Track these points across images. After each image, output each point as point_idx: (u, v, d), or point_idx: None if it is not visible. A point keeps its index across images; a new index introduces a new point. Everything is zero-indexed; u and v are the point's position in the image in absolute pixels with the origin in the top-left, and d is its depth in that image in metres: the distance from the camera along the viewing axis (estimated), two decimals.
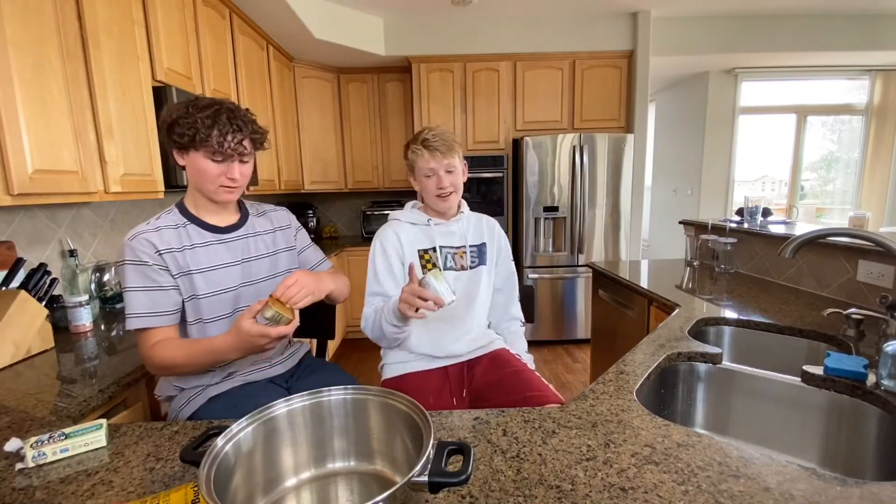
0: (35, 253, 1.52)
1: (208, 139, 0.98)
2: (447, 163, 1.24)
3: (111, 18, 1.46)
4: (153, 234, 1.02)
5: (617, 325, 2.14)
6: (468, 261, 1.33)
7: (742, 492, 0.63)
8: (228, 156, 1.01)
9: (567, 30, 3.48)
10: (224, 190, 1.05)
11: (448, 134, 1.26)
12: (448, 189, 1.26)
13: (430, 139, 1.23)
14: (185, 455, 0.60)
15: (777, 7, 3.49)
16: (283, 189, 3.16)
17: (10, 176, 1.11)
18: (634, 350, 1.15)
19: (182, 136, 0.99)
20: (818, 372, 1.01)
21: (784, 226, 2.12)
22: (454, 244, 1.33)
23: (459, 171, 1.28)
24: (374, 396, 0.71)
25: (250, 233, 1.17)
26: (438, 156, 1.23)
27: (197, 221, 1.09)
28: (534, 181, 3.40)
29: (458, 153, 1.26)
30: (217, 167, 1.02)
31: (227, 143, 0.99)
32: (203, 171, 1.02)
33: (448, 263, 1.32)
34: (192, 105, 1.00)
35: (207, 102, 1.01)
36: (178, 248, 1.05)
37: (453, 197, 1.28)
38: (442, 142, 1.22)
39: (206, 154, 1.00)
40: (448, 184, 1.25)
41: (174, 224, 1.07)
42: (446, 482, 0.52)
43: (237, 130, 1.01)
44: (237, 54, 2.42)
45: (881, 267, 1.41)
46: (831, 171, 4.84)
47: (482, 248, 1.37)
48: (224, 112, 1.00)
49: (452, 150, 1.24)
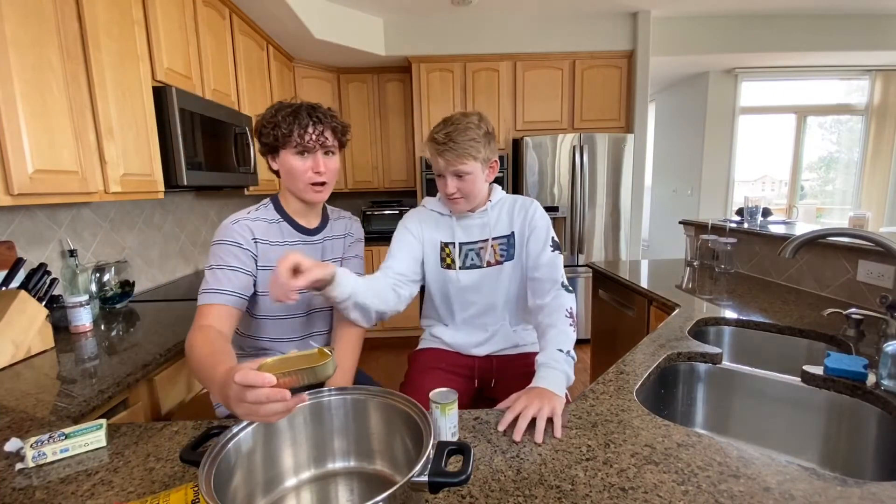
0: (35, 253, 1.52)
1: (290, 135, 1.03)
2: (456, 168, 1.10)
3: (111, 18, 1.46)
4: (253, 224, 1.09)
5: (617, 325, 2.14)
6: (494, 255, 1.21)
7: (742, 492, 0.63)
8: (311, 148, 1.05)
9: (567, 30, 3.48)
10: (312, 189, 1.09)
11: (465, 131, 1.09)
12: (454, 195, 1.14)
13: (440, 139, 1.09)
14: (185, 455, 0.60)
15: (777, 7, 3.49)
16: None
17: (10, 176, 1.11)
18: (634, 350, 1.15)
19: (268, 136, 1.05)
20: (818, 372, 1.01)
21: (784, 226, 2.12)
22: (475, 238, 1.22)
23: (476, 175, 1.12)
24: (374, 396, 0.71)
25: (328, 236, 1.21)
26: (443, 161, 1.11)
27: (289, 220, 1.15)
28: (534, 181, 3.40)
29: (476, 154, 1.10)
30: (303, 162, 1.06)
31: (309, 136, 1.04)
32: (291, 169, 1.06)
33: (470, 261, 1.22)
34: (276, 108, 1.07)
35: (290, 103, 1.07)
36: (270, 242, 1.11)
37: (462, 203, 1.17)
38: (452, 144, 1.08)
39: (291, 151, 1.05)
40: (454, 189, 1.13)
41: (269, 219, 1.13)
42: (446, 482, 0.52)
43: (317, 122, 1.05)
44: (237, 54, 2.42)
45: (881, 267, 1.41)
46: (831, 172, 4.84)
47: (510, 240, 1.22)
48: (304, 109, 1.05)
49: (464, 153, 1.08)
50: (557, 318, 1.09)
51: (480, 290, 1.24)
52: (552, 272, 1.17)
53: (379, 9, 3.24)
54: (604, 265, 2.32)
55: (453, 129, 1.09)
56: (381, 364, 3.32)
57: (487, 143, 1.12)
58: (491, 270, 1.22)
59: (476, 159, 1.11)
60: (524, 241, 1.21)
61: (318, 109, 1.07)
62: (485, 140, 1.11)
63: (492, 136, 1.15)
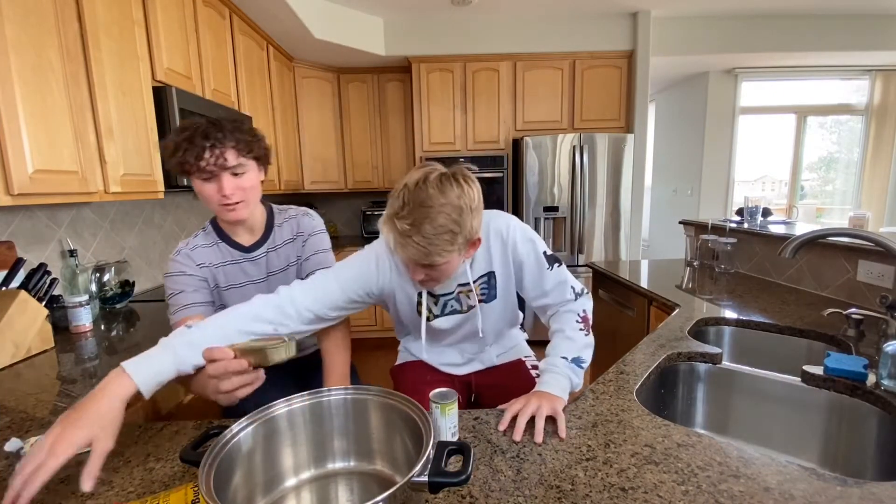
0: (35, 253, 1.52)
1: (191, 162, 0.97)
2: (427, 263, 0.87)
3: (111, 18, 1.46)
4: (193, 252, 1.10)
5: (617, 325, 2.14)
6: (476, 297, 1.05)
7: (742, 492, 0.63)
8: (214, 173, 1.00)
9: (567, 30, 3.48)
10: (226, 209, 1.04)
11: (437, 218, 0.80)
12: (431, 284, 0.97)
13: (403, 229, 0.82)
14: (185, 455, 0.60)
15: (777, 7, 3.48)
16: (283, 189, 3.16)
17: (10, 176, 1.11)
18: (634, 350, 1.15)
19: (174, 166, 1.00)
20: (818, 372, 1.01)
21: (784, 226, 2.12)
22: (452, 288, 1.04)
23: (452, 263, 0.90)
24: (374, 396, 0.71)
25: (271, 247, 1.17)
26: (406, 256, 0.87)
27: (226, 240, 1.14)
28: (534, 181, 3.40)
29: (451, 248, 0.84)
30: (209, 186, 1.01)
31: (206, 161, 0.97)
32: (201, 195, 1.03)
33: (450, 308, 1.07)
34: (175, 130, 1.01)
35: (187, 127, 1.00)
36: (213, 265, 1.12)
37: (432, 285, 0.99)
38: (419, 238, 0.81)
39: (197, 177, 1.01)
40: (422, 277, 0.92)
41: (207, 243, 1.12)
42: (446, 482, 0.52)
43: (215, 144, 0.98)
44: (237, 54, 2.42)
45: (881, 267, 1.41)
46: (831, 172, 4.84)
47: (491, 280, 1.04)
48: (199, 133, 0.97)
49: (437, 251, 0.83)
50: (566, 323, 1.02)
51: (459, 328, 1.11)
52: (561, 293, 1.04)
53: (379, 9, 3.24)
54: (604, 265, 2.32)
55: (423, 216, 0.81)
56: (382, 364, 3.32)
57: (470, 223, 0.85)
58: (471, 312, 1.07)
59: (451, 252, 0.85)
60: (509, 278, 1.05)
61: (218, 128, 0.99)
62: (467, 219, 0.84)
63: (478, 210, 0.87)
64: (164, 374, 0.77)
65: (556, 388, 0.90)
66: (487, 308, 1.08)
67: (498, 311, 1.11)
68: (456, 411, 0.77)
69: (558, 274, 1.03)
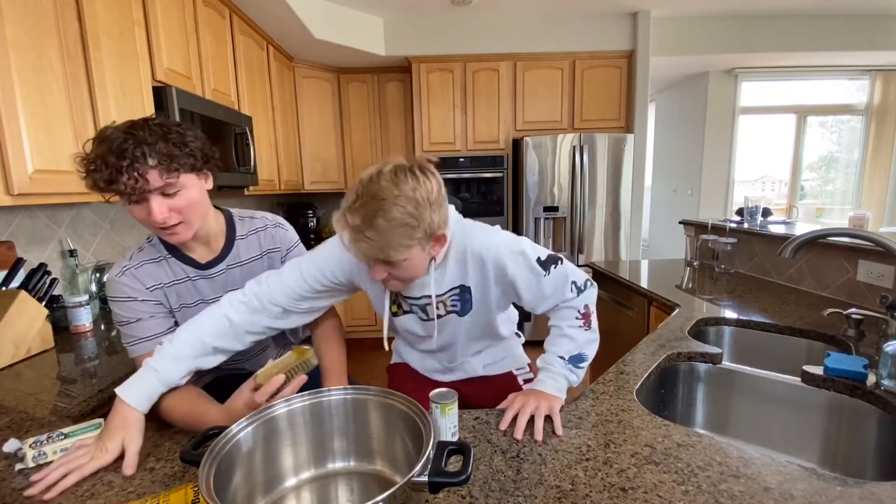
0: (35, 253, 1.52)
1: (106, 186, 0.80)
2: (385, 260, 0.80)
3: (111, 18, 1.46)
4: (138, 271, 0.95)
5: (617, 325, 2.14)
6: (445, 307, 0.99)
7: (742, 492, 0.63)
8: (138, 197, 0.82)
9: (567, 30, 3.48)
10: (163, 232, 0.89)
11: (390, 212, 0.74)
12: (396, 285, 0.90)
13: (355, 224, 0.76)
14: (185, 455, 0.60)
15: (777, 7, 3.48)
16: (282, 189, 3.16)
17: (10, 176, 1.11)
18: (634, 350, 1.15)
19: (92, 187, 0.82)
20: (818, 372, 1.01)
21: (784, 226, 2.12)
22: (416, 294, 0.97)
23: (414, 259, 0.82)
24: (374, 396, 0.71)
25: (233, 263, 1.03)
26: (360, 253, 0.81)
27: (177, 254, 0.99)
28: (534, 181, 3.40)
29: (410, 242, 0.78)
30: (139, 209, 0.85)
31: (124, 185, 0.79)
32: (134, 218, 0.88)
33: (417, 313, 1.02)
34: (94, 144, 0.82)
35: (101, 135, 0.81)
36: (164, 285, 0.98)
37: (397, 285, 0.90)
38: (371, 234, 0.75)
39: (122, 199, 0.83)
40: (384, 276, 0.85)
41: (154, 258, 0.98)
42: (446, 482, 0.52)
43: (133, 165, 0.78)
44: (237, 54, 2.42)
45: (881, 267, 1.41)
46: (831, 172, 4.84)
47: (465, 294, 0.97)
48: (114, 148, 0.78)
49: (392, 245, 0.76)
50: (563, 320, 0.98)
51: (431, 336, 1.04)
52: (561, 294, 0.96)
53: (379, 9, 3.24)
54: (604, 265, 2.32)
55: (374, 210, 0.74)
56: (381, 364, 3.32)
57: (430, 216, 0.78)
58: (442, 322, 1.00)
59: (410, 246, 0.79)
60: (487, 292, 0.97)
61: (136, 141, 0.79)
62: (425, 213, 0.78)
63: (438, 204, 0.80)
64: (153, 391, 0.84)
65: (553, 387, 0.89)
66: (459, 321, 1.00)
67: (470, 325, 1.02)
68: (456, 411, 0.77)
69: (556, 276, 0.94)
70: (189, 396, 0.90)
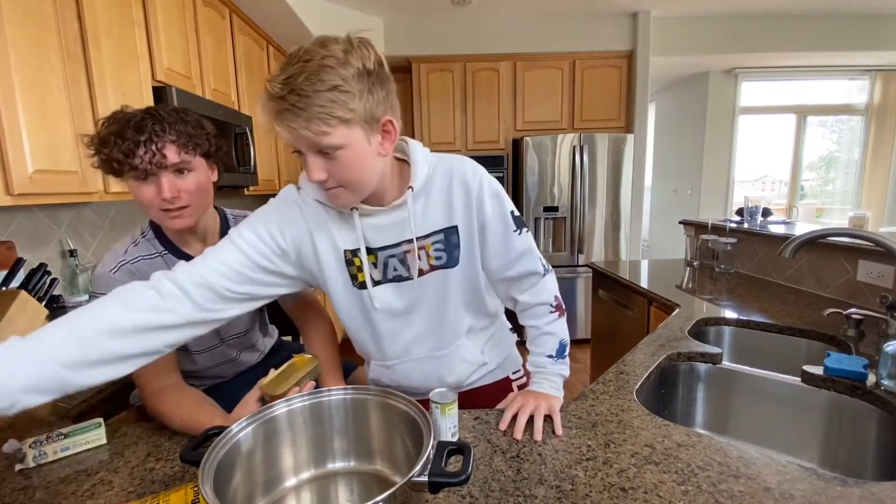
0: (35, 253, 1.52)
1: (123, 159, 0.80)
2: (308, 138, 0.64)
3: (111, 18, 1.46)
4: (134, 266, 0.91)
5: (617, 325, 2.14)
6: (428, 259, 0.82)
7: (742, 492, 0.63)
8: (151, 172, 0.83)
9: (567, 30, 3.48)
10: (167, 216, 0.87)
11: (318, 74, 0.61)
12: (329, 185, 0.70)
13: (274, 91, 0.62)
14: (185, 455, 0.60)
15: (777, 7, 3.49)
16: None
17: (10, 176, 1.11)
18: (634, 350, 1.15)
19: (100, 163, 0.83)
20: (818, 372, 1.01)
21: (784, 226, 2.12)
22: (394, 240, 0.81)
23: (356, 146, 0.67)
24: (374, 396, 0.71)
25: None
26: (283, 129, 0.64)
27: (174, 251, 0.96)
28: (534, 181, 3.40)
29: (345, 114, 0.63)
30: (146, 188, 0.84)
31: (140, 159, 0.80)
32: (137, 198, 0.86)
33: (391, 272, 0.83)
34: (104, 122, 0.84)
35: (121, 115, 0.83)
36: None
37: (345, 195, 0.72)
38: (294, 98, 0.61)
39: (130, 177, 0.83)
40: (323, 175, 0.68)
41: (149, 254, 0.94)
42: (446, 482, 0.52)
43: (152, 138, 0.81)
44: (237, 54, 2.42)
45: (881, 267, 1.41)
46: (831, 171, 4.84)
47: (450, 236, 0.81)
48: (130, 124, 0.81)
49: (319, 115, 0.62)
50: (540, 317, 0.91)
51: (413, 311, 0.86)
52: (531, 263, 0.87)
53: (379, 9, 3.24)
54: (604, 265, 2.32)
55: (298, 70, 0.61)
56: None
57: (368, 91, 0.65)
58: (425, 281, 0.84)
59: (345, 121, 0.64)
60: (473, 237, 0.83)
61: (155, 119, 0.82)
62: (360, 85, 0.64)
63: (379, 77, 0.67)
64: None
65: (550, 388, 0.88)
66: (446, 278, 0.84)
67: (461, 287, 0.86)
68: (456, 411, 0.77)
69: (526, 239, 0.86)
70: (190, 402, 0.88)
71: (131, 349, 0.64)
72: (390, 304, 0.85)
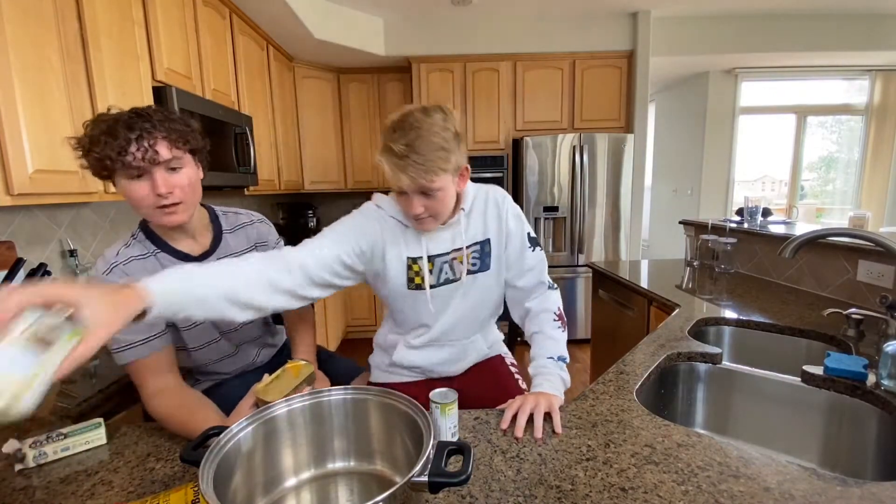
0: (35, 253, 1.52)
1: (116, 157, 0.81)
2: (422, 184, 0.86)
3: (111, 18, 1.46)
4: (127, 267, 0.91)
5: (617, 325, 2.14)
6: (468, 264, 1.04)
7: (742, 492, 0.63)
8: (144, 169, 0.84)
9: (567, 30, 3.48)
10: (161, 212, 0.87)
11: (431, 138, 0.85)
12: (422, 216, 0.93)
13: (399, 151, 0.84)
14: (185, 455, 0.60)
15: (777, 7, 3.48)
16: (283, 189, 3.16)
17: (10, 176, 1.11)
18: (634, 350, 1.15)
19: (91, 164, 0.84)
20: (818, 372, 1.01)
21: (784, 226, 2.12)
22: (446, 249, 1.02)
23: (447, 189, 0.91)
24: (374, 396, 0.71)
25: (223, 256, 1.03)
26: (407, 179, 0.86)
27: (167, 248, 0.96)
28: (534, 181, 3.40)
29: (446, 166, 0.87)
30: (140, 185, 0.85)
31: (132, 156, 0.81)
32: (130, 197, 0.86)
33: (444, 276, 1.03)
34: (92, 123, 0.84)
35: (107, 116, 0.84)
36: None
37: (430, 222, 0.95)
38: (415, 157, 0.83)
39: (123, 175, 0.84)
40: (421, 210, 0.91)
41: (142, 254, 0.94)
42: (446, 482, 0.52)
43: (143, 136, 0.82)
44: (237, 54, 2.42)
45: (881, 267, 1.41)
46: (831, 172, 4.84)
47: (485, 247, 1.04)
48: (122, 123, 0.82)
49: (432, 168, 0.85)
50: (544, 323, 1.05)
51: (451, 305, 1.06)
52: (539, 276, 1.08)
53: (379, 9, 3.24)
54: (604, 265, 2.32)
55: (415, 136, 0.85)
56: None
57: (457, 148, 0.90)
58: (464, 282, 1.04)
59: (446, 171, 0.88)
60: (501, 248, 1.06)
61: (144, 118, 0.84)
62: (454, 144, 0.89)
63: (461, 137, 0.92)
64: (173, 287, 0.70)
65: (551, 387, 0.92)
66: (478, 280, 1.05)
67: (488, 288, 1.07)
68: (456, 411, 0.77)
69: (537, 256, 1.08)
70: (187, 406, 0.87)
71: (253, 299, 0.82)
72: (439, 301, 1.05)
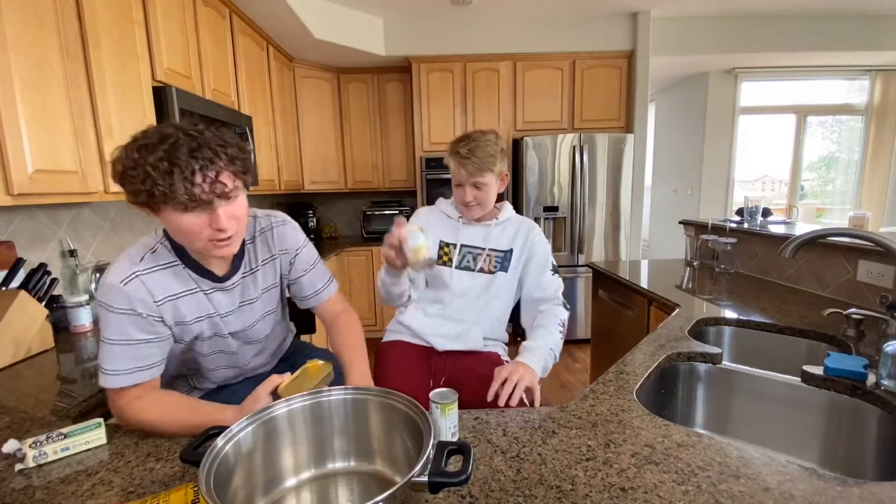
0: (35, 253, 1.52)
1: (172, 191, 0.71)
2: (475, 180, 1.24)
3: (111, 18, 1.46)
4: (147, 277, 0.83)
5: (617, 325, 2.14)
6: (489, 263, 1.31)
7: (742, 492, 0.63)
8: (206, 202, 0.74)
9: (567, 30, 3.48)
10: (214, 245, 0.80)
11: (485, 147, 1.22)
12: (471, 203, 1.27)
13: (463, 153, 1.21)
14: (185, 455, 0.60)
15: (777, 7, 3.48)
16: (283, 189, 3.16)
17: (10, 176, 1.11)
18: (634, 350, 1.15)
19: (138, 193, 0.73)
20: (818, 372, 1.01)
21: (784, 226, 2.12)
22: (476, 244, 1.33)
23: (491, 186, 1.26)
24: (374, 396, 0.71)
25: (248, 270, 0.97)
26: (465, 172, 1.23)
27: (192, 265, 0.89)
28: (534, 181, 3.40)
29: (494, 168, 1.24)
30: (197, 220, 0.76)
31: (199, 187, 0.72)
32: (180, 229, 0.77)
33: (465, 262, 1.32)
34: (141, 147, 0.72)
35: (158, 138, 0.72)
36: (176, 295, 0.87)
37: (476, 210, 1.29)
38: (474, 159, 1.21)
39: (176, 209, 0.74)
40: (471, 198, 1.26)
41: (164, 263, 0.87)
42: (446, 482, 0.52)
43: (207, 165, 0.73)
44: (237, 54, 2.42)
45: (881, 267, 1.41)
46: (831, 172, 4.84)
47: (507, 255, 1.32)
48: (182, 145, 0.72)
49: (484, 167, 1.22)
50: (549, 322, 1.24)
51: (468, 294, 1.32)
52: (553, 291, 1.31)
53: (379, 9, 3.24)
54: (604, 265, 2.32)
55: (475, 145, 1.22)
56: None
57: (502, 159, 1.28)
58: (482, 278, 1.32)
59: (493, 172, 1.25)
60: (521, 261, 1.32)
61: (204, 141, 0.74)
62: (500, 156, 1.26)
63: (504, 153, 1.29)
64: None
65: (534, 363, 1.10)
66: (497, 279, 1.31)
67: (503, 289, 1.32)
68: (456, 411, 0.77)
69: (556, 280, 1.32)
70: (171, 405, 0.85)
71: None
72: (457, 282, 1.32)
